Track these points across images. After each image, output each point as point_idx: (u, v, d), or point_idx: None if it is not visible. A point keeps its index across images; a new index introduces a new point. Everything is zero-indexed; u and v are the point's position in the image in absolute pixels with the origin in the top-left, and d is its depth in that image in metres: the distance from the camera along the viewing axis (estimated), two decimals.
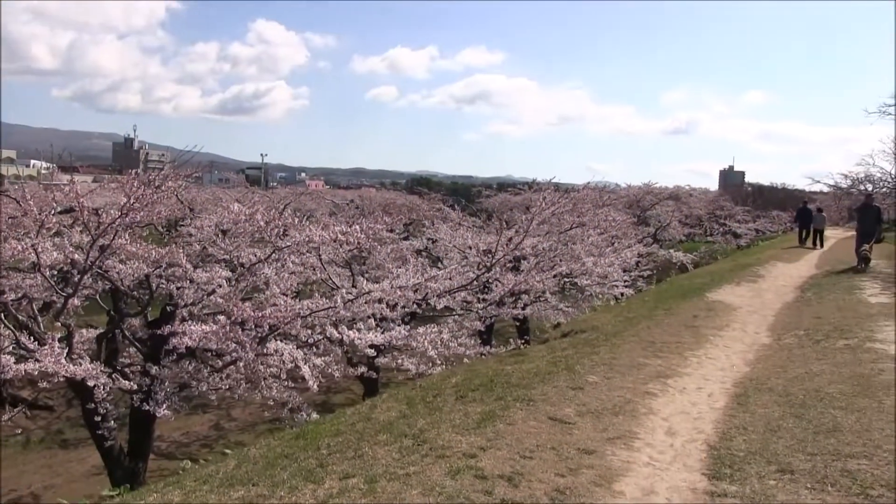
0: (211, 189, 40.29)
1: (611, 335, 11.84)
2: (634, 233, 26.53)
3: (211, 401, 14.03)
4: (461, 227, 22.43)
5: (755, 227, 49.51)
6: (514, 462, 5.78)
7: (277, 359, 10.27)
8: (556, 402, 7.64)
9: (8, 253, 10.89)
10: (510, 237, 15.67)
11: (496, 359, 11.62)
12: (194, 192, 27.17)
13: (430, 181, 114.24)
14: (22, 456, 16.78)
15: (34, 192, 17.40)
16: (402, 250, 18.12)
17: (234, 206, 11.66)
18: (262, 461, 6.43)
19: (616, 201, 33.33)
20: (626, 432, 6.65)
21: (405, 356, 12.47)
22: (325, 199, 44.25)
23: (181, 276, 11.60)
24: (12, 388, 17.88)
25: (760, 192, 74.84)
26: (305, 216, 15.33)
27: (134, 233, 12.01)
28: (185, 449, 16.60)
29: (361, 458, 5.98)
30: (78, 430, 16.72)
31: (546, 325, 17.84)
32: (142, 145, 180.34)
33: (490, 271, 14.45)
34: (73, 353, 10.03)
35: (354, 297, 10.81)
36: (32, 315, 10.86)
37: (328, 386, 16.61)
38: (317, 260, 13.29)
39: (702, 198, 51.13)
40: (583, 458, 5.92)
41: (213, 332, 9.96)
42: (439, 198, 40.87)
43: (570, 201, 19.75)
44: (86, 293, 12.39)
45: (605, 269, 18.32)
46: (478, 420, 6.93)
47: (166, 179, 11.08)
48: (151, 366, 10.69)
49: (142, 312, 12.60)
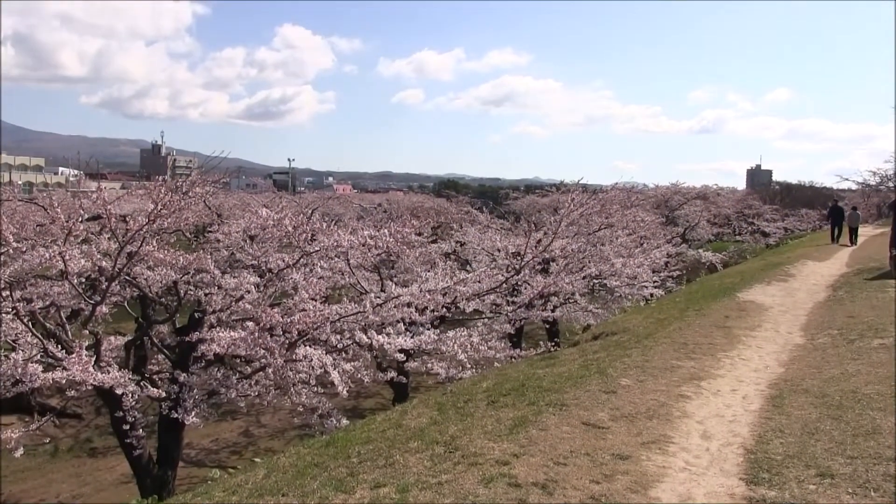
0: (238, 194, 40.46)
1: (642, 337, 11.65)
2: (663, 233, 26.29)
3: (240, 407, 14.01)
4: (489, 229, 22.37)
5: (784, 225, 48.98)
6: (548, 469, 5.63)
7: (307, 364, 10.21)
8: (589, 406, 7.48)
9: (36, 261, 10.90)
10: (539, 239, 15.54)
11: (527, 362, 11.47)
12: (222, 198, 27.26)
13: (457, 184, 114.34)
14: (50, 465, 16.86)
15: (62, 199, 17.53)
16: (431, 254, 18.05)
17: (262, 212, 11.62)
18: (291, 470, 6.32)
19: (644, 202, 33.07)
20: (661, 436, 6.48)
21: (435, 360, 12.35)
22: (352, 203, 44.30)
23: (209, 282, 11.58)
24: (41, 397, 17.99)
25: (788, 191, 74.11)
26: (333, 221, 15.28)
27: (162, 239, 12.01)
28: (215, 456, 16.60)
29: (392, 467, 5.86)
30: (106, 439, 16.78)
31: (576, 327, 17.69)
32: (169, 151, 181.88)
33: (519, 274, 14.32)
34: (101, 360, 10.01)
35: (383, 301, 10.72)
36: (60, 323, 10.88)
37: (358, 391, 16.54)
38: (345, 264, 13.23)
39: (730, 197, 50.66)
40: (617, 464, 5.76)
41: (241, 338, 9.91)
42: (467, 200, 40.82)
43: (599, 202, 19.59)
44: (114, 300, 12.40)
45: (634, 269, 18.13)
46: (510, 426, 6.78)
47: (194, 185, 11.07)
48: (180, 373, 10.66)
49: (170, 319, 12.59)
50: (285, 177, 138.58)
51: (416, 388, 15.56)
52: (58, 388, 11.62)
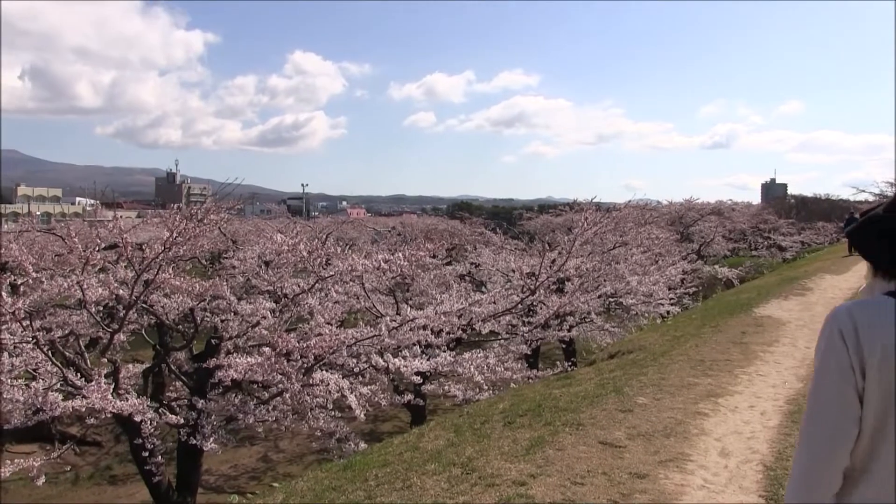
0: (253, 220, 40.62)
1: (658, 355, 11.60)
2: (678, 249, 26.23)
3: (258, 433, 14.02)
4: (504, 250, 22.37)
5: (800, 239, 48.67)
6: (566, 489, 5.62)
7: (324, 389, 10.23)
8: (605, 425, 7.45)
9: (55, 290, 11.01)
10: (553, 259, 15.53)
11: (543, 383, 11.44)
12: (236, 225, 27.37)
13: (470, 205, 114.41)
14: (72, 493, 16.90)
15: (79, 229, 17.68)
16: (446, 276, 18.09)
17: (277, 237, 11.70)
18: (309, 494, 6.33)
19: (658, 218, 33.01)
20: (679, 454, 6.44)
21: (451, 382, 12.34)
22: (366, 227, 44.35)
23: (225, 308, 11.64)
24: (61, 425, 18.08)
25: (804, 204, 73.66)
26: (348, 245, 15.35)
27: (178, 267, 12.10)
28: (234, 482, 16.59)
29: (410, 489, 5.86)
30: (126, 466, 16.81)
31: (593, 346, 17.62)
32: (184, 179, 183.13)
33: (534, 294, 14.32)
34: (119, 388, 10.07)
35: (399, 324, 10.74)
36: (79, 351, 10.95)
37: (375, 414, 16.54)
38: (360, 288, 13.27)
39: (744, 212, 50.45)
40: (635, 483, 5.74)
41: (258, 363, 9.95)
42: (481, 222, 40.79)
43: (612, 220, 19.59)
44: (131, 328, 12.50)
45: (649, 287, 18.11)
46: (527, 446, 6.77)
47: (209, 212, 11.16)
48: (198, 399, 10.70)
49: (187, 346, 12.66)
50: (299, 202, 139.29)
51: (433, 411, 15.52)
52: (77, 416, 11.66)
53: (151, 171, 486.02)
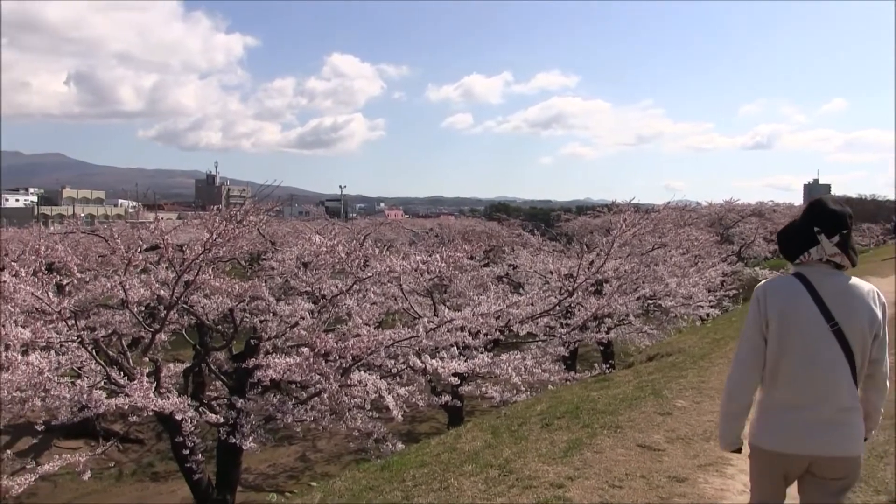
0: (291, 222, 40.90)
1: (698, 358, 11.49)
2: (718, 251, 25.90)
3: (296, 432, 14.11)
4: (541, 251, 22.29)
5: None
6: (604, 492, 5.59)
7: (361, 389, 10.27)
8: (644, 428, 7.41)
9: (98, 290, 11.21)
10: (591, 260, 15.46)
11: (581, 385, 11.40)
12: (275, 226, 27.59)
13: (508, 207, 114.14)
14: (115, 488, 17.16)
15: (122, 230, 17.96)
16: (483, 277, 18.07)
17: (315, 239, 11.76)
18: (347, 494, 6.37)
19: (697, 220, 32.65)
20: (719, 458, 6.37)
21: (489, 384, 12.32)
22: (404, 228, 44.44)
23: (264, 309, 11.74)
24: (105, 423, 18.38)
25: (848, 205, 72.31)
26: (385, 246, 15.40)
27: (217, 268, 12.22)
28: (272, 481, 16.71)
29: (447, 490, 5.87)
30: (168, 463, 17.02)
31: (631, 348, 17.50)
32: (223, 181, 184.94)
33: (572, 296, 14.26)
34: (161, 387, 10.19)
35: (437, 325, 10.76)
36: (122, 350, 11.11)
37: (412, 415, 16.55)
38: (398, 289, 13.31)
39: (786, 213, 49.62)
40: (674, 487, 5.70)
41: (296, 364, 10.03)
42: (518, 223, 40.65)
43: (651, 222, 19.41)
44: (172, 328, 12.65)
45: (689, 289, 17.91)
46: (564, 449, 6.75)
47: (248, 214, 11.25)
48: (237, 399, 10.80)
49: (226, 346, 12.79)
50: (337, 203, 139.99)
51: (470, 412, 15.51)
52: (121, 413, 11.87)
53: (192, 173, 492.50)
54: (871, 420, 3.55)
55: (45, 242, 10.75)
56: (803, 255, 3.48)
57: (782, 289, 3.46)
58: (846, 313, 3.35)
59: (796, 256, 3.52)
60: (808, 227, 3.46)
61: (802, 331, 3.36)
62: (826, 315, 3.34)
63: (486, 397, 12.61)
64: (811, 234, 3.43)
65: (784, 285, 3.47)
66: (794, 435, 3.38)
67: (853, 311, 3.36)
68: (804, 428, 3.36)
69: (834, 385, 3.35)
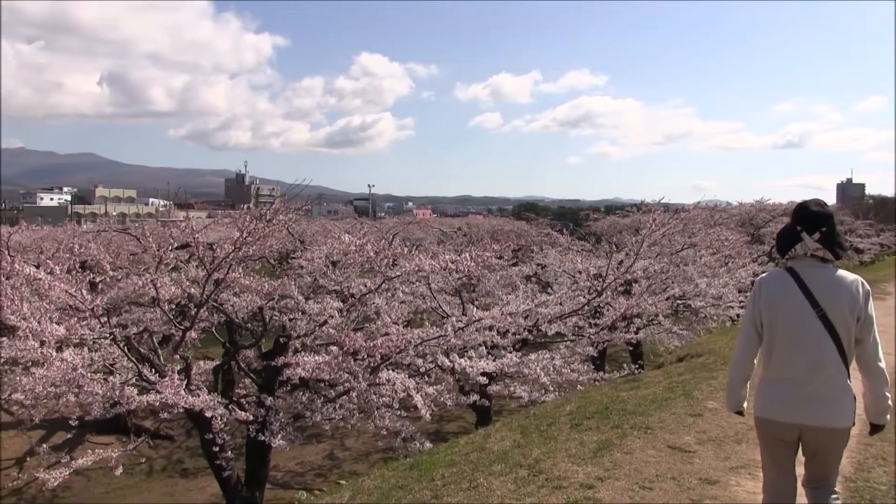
0: (320, 221, 41.00)
1: (729, 359, 11.38)
2: (748, 251, 25.62)
3: (325, 430, 14.15)
4: (570, 251, 22.16)
5: (879, 241, 47.12)
6: (634, 493, 5.55)
7: (390, 388, 10.29)
8: (674, 429, 7.35)
9: (130, 288, 11.31)
10: (620, 260, 15.36)
11: (611, 385, 11.33)
12: (304, 225, 27.66)
13: (536, 206, 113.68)
14: (146, 483, 17.36)
15: (153, 229, 18.13)
16: (512, 276, 17.99)
17: (344, 238, 11.79)
18: (376, 493, 6.38)
19: (727, 220, 32.28)
20: (751, 461, 6.30)
21: (517, 383, 12.28)
22: (432, 227, 44.36)
23: (293, 307, 11.79)
24: (136, 419, 18.59)
25: (883, 204, 71.18)
26: (414, 245, 15.39)
27: (247, 266, 12.30)
28: (300, 478, 16.80)
29: (476, 490, 5.85)
30: (197, 460, 17.18)
31: (660, 348, 17.36)
32: (253, 180, 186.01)
33: (601, 295, 14.18)
34: (191, 384, 10.28)
35: (465, 324, 10.74)
36: (153, 348, 11.21)
37: (441, 414, 16.57)
38: (426, 289, 13.29)
39: None
40: (705, 489, 5.65)
41: (325, 362, 10.06)
42: (547, 223, 40.40)
43: (681, 221, 19.24)
44: (202, 326, 12.74)
45: (719, 290, 17.73)
46: (594, 449, 6.71)
47: (277, 213, 11.30)
48: (266, 396, 10.86)
49: (256, 344, 12.86)
50: (366, 202, 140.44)
51: (498, 412, 15.48)
52: (151, 410, 11.98)
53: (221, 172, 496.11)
54: (880, 404, 4.01)
55: (78, 241, 10.89)
56: (791, 251, 4.05)
57: (774, 281, 4.07)
58: (830, 300, 3.88)
59: (786, 252, 4.10)
60: (793, 227, 4.04)
61: (790, 316, 3.93)
62: (812, 302, 3.89)
63: (515, 397, 12.57)
64: (796, 232, 4.02)
65: (775, 278, 4.08)
66: (785, 405, 3.94)
67: (836, 298, 3.88)
68: (793, 399, 3.92)
69: (820, 362, 3.87)
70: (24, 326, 8.53)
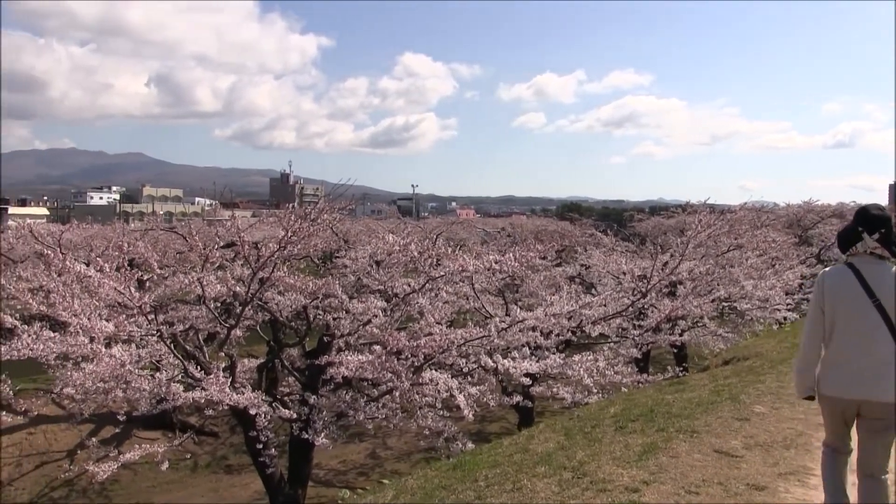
0: (364, 220, 41.22)
1: (776, 362, 11.21)
2: (796, 253, 25.19)
3: (367, 430, 14.21)
4: (614, 252, 21.98)
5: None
6: (679, 497, 5.47)
7: (432, 388, 10.29)
8: (721, 433, 7.24)
9: (176, 286, 11.47)
10: (665, 262, 15.21)
11: (655, 387, 11.22)
12: (348, 224, 27.83)
13: (580, 206, 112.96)
14: (191, 479, 17.60)
15: (199, 228, 18.36)
16: (555, 277, 17.92)
17: (388, 237, 11.82)
18: (419, 492, 6.37)
19: (775, 221, 31.80)
20: (800, 468, 6.17)
21: (560, 385, 12.22)
22: (476, 227, 44.30)
23: (337, 306, 11.84)
24: (181, 415, 18.85)
25: None
26: (457, 245, 15.39)
27: (291, 265, 12.38)
28: (343, 477, 16.89)
29: (520, 491, 5.82)
30: (241, 457, 17.36)
31: (705, 351, 17.16)
32: (297, 180, 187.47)
33: (645, 297, 14.05)
34: (235, 382, 10.37)
35: (508, 325, 10.71)
36: (199, 345, 11.35)
37: (483, 415, 16.55)
38: (470, 289, 13.28)
39: None
40: (753, 495, 5.53)
41: (369, 361, 10.10)
42: (590, 223, 40.12)
43: (727, 223, 19.00)
44: (247, 324, 12.86)
45: (765, 292, 17.46)
46: (639, 452, 6.63)
47: (322, 212, 11.36)
48: (310, 395, 10.93)
49: (300, 343, 12.95)
50: (409, 202, 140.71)
51: (540, 413, 15.42)
52: (196, 407, 12.14)
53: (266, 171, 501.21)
54: None
55: (127, 239, 11.06)
56: (852, 249, 4.60)
57: (835, 274, 4.63)
58: (885, 291, 4.41)
59: (847, 249, 4.64)
60: (855, 228, 4.57)
61: (849, 304, 4.47)
62: (869, 293, 4.42)
63: (557, 398, 12.51)
64: (857, 233, 4.55)
65: (836, 271, 4.65)
66: (844, 383, 4.49)
67: (891, 289, 4.41)
68: (852, 378, 4.45)
69: (875, 345, 4.40)
70: (75, 323, 8.70)
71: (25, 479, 17.36)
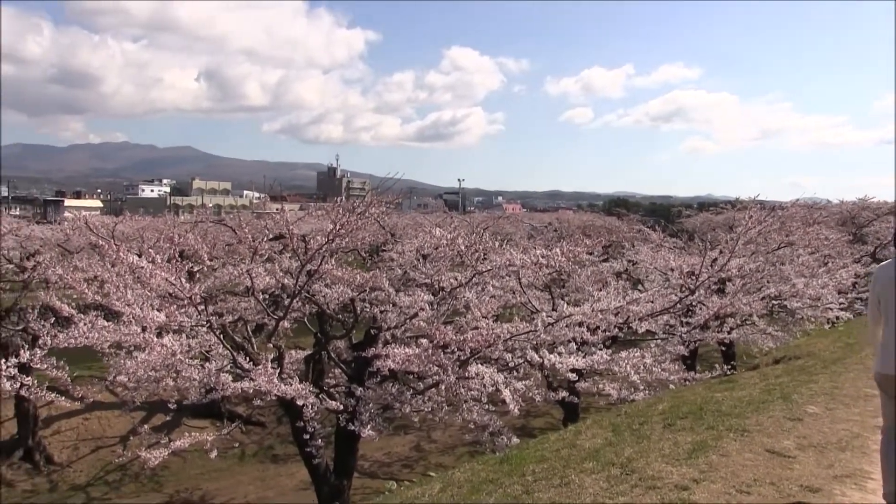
0: (411, 214, 41.35)
1: (830, 362, 11.00)
2: (850, 251, 24.70)
3: (412, 422, 14.27)
4: (662, 248, 21.74)
5: None
6: (731, 497, 5.39)
7: (478, 382, 10.29)
8: (772, 433, 7.12)
9: (226, 278, 11.61)
10: (714, 258, 15.02)
11: (704, 385, 11.08)
12: (395, 218, 27.95)
13: (627, 202, 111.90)
14: (238, 467, 17.87)
15: (248, 220, 18.58)
16: (602, 273, 17.81)
17: (435, 231, 11.84)
18: (466, 485, 6.37)
19: (827, 218, 31.20)
20: (857, 470, 6.04)
21: (606, 381, 12.15)
22: (522, 222, 44.17)
23: (384, 299, 11.90)
24: (229, 405, 19.12)
25: None
26: (504, 240, 15.35)
27: (339, 258, 12.46)
28: (387, 469, 17.00)
29: (568, 486, 5.78)
30: (287, 447, 17.57)
31: (753, 350, 16.91)
32: (344, 174, 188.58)
33: (694, 294, 13.89)
34: (283, 373, 10.48)
35: (555, 320, 10.66)
36: (247, 336, 11.47)
37: (527, 410, 16.52)
38: (517, 283, 13.24)
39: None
40: (807, 497, 5.43)
41: (415, 355, 10.13)
42: (638, 219, 39.75)
43: (778, 219, 18.71)
44: (294, 316, 12.97)
45: (817, 290, 17.14)
46: (689, 450, 6.55)
47: (369, 206, 11.41)
48: (356, 387, 10.99)
49: (347, 335, 13.03)
50: (455, 196, 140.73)
51: (585, 409, 15.35)
52: (244, 397, 12.29)
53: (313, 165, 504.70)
54: None
55: (177, 231, 11.22)
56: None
57: (887, 267, 5.17)
58: None
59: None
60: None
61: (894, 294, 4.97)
62: None
63: (603, 394, 12.44)
64: None
65: (888, 264, 5.16)
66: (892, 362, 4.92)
67: None
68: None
69: None
70: (128, 312, 8.86)
71: (82, 461, 17.93)
